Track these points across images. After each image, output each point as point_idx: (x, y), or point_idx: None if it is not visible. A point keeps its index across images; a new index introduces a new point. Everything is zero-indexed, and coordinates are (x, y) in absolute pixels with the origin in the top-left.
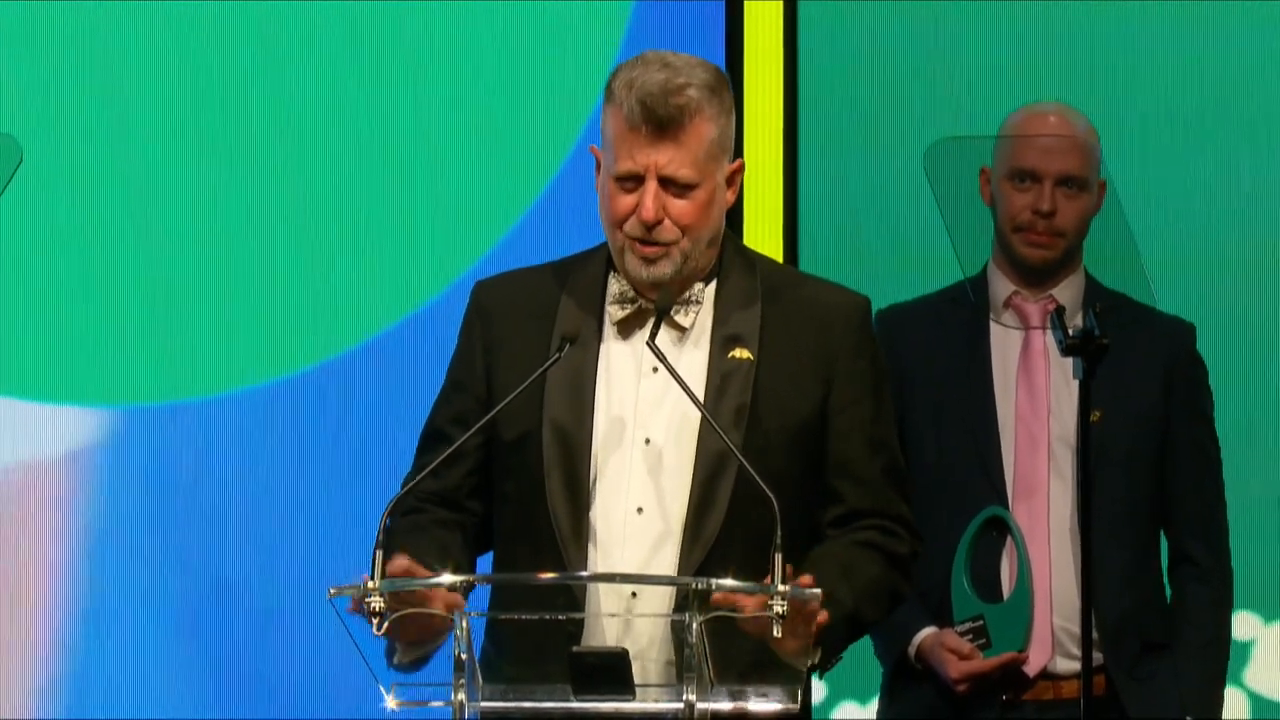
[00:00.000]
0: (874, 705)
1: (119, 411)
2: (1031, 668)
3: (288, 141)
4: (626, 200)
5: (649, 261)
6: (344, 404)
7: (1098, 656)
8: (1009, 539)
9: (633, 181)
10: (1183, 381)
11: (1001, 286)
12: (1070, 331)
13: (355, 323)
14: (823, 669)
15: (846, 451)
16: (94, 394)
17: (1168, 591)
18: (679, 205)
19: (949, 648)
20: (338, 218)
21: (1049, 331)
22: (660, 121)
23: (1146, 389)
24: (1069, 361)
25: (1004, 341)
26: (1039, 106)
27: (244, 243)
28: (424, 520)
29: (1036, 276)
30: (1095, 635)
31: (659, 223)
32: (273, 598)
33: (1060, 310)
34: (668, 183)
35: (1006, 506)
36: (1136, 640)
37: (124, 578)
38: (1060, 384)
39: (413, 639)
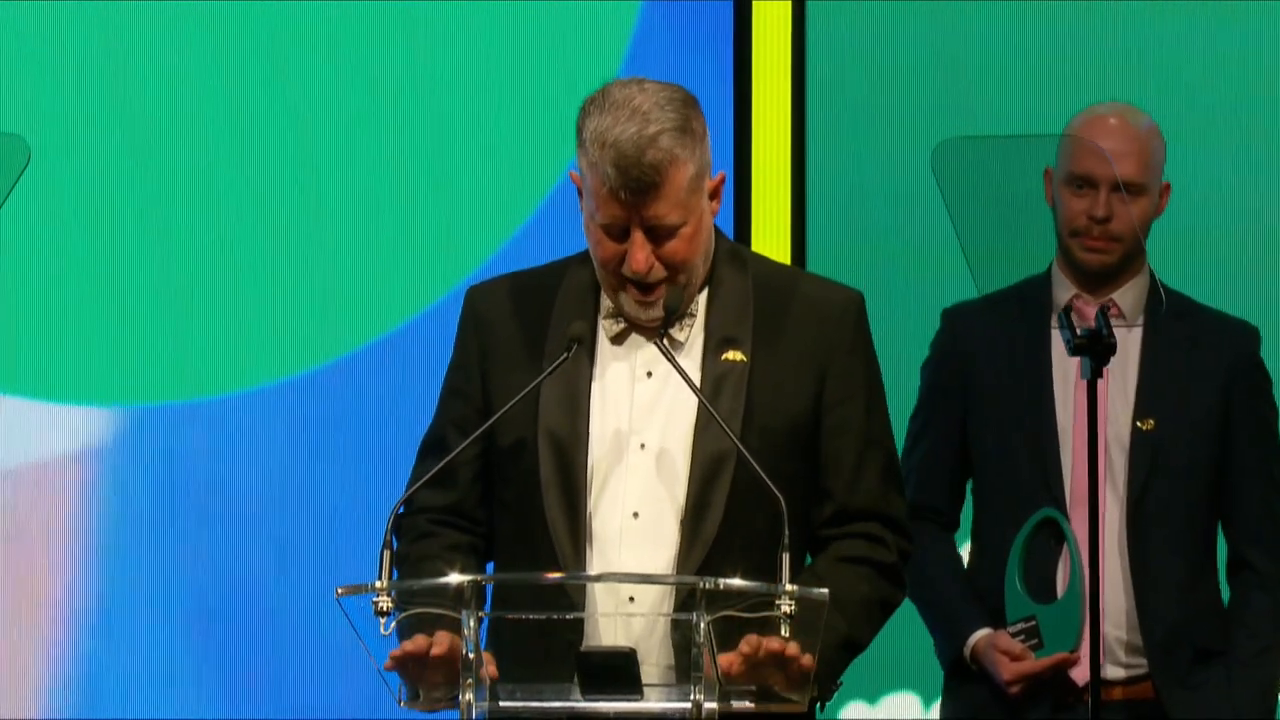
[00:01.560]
0: (882, 704)
1: (128, 411)
2: (1080, 677)
3: (295, 145)
4: (614, 246)
5: (646, 305)
6: (353, 404)
7: (1145, 664)
8: (1064, 540)
9: (616, 228)
10: (1244, 386)
11: (1063, 290)
12: (1079, 331)
13: (363, 323)
14: (823, 699)
15: (839, 449)
16: (103, 394)
17: (1224, 599)
18: (668, 247)
19: (1001, 649)
20: (345, 220)
21: (1120, 332)
22: (638, 184)
23: (1206, 394)
24: (1131, 367)
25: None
26: (1101, 109)
27: (252, 245)
28: (435, 548)
29: (1096, 280)
30: (1141, 643)
31: (650, 269)
32: (283, 597)
33: (1068, 310)
34: (653, 230)
35: (1063, 511)
36: (1190, 649)
37: (134, 577)
38: (1116, 390)
39: (440, 681)
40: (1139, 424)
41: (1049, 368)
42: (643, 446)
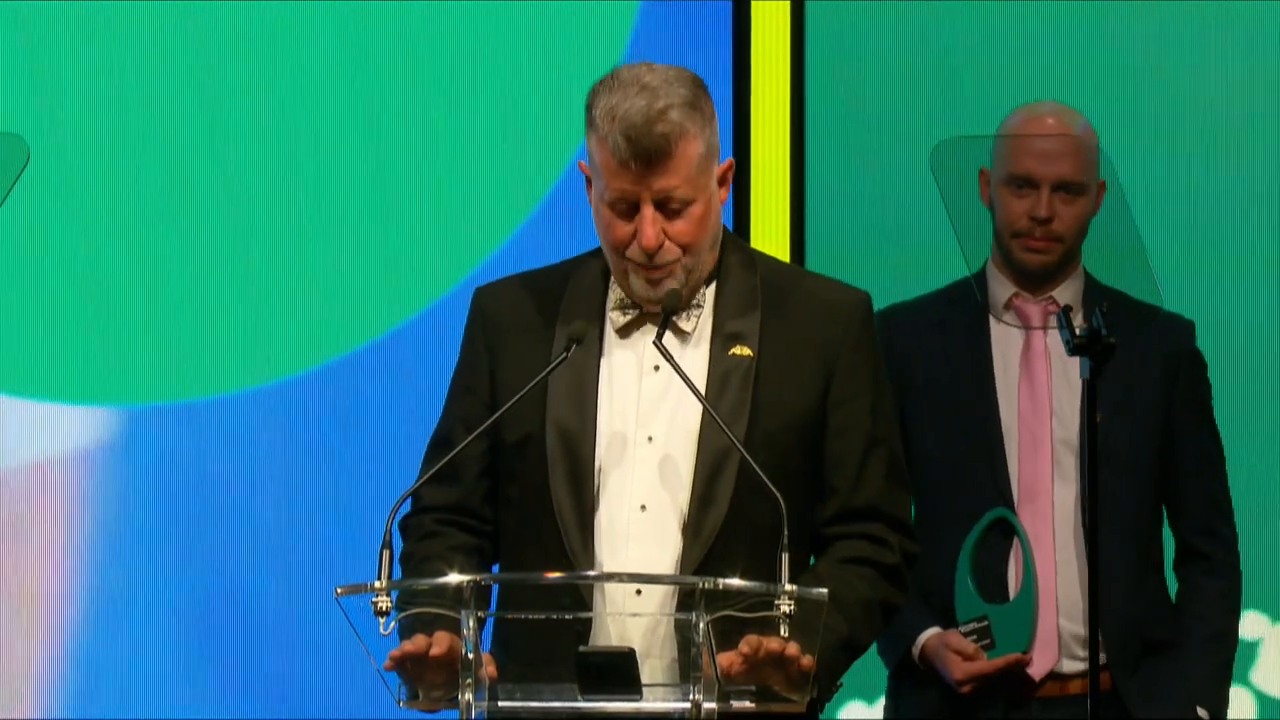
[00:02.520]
0: (880, 705)
1: (127, 411)
2: (1037, 671)
3: (296, 144)
4: (624, 226)
5: (655, 284)
6: (352, 403)
7: (1102, 657)
8: (1014, 540)
9: (627, 205)
10: (1185, 378)
11: (1001, 288)
12: (1078, 331)
13: (363, 323)
14: (823, 700)
15: (844, 447)
16: (102, 394)
17: (1172, 591)
18: (678, 225)
19: (953, 648)
20: (345, 220)
21: (1054, 331)
22: (648, 154)
23: (1148, 387)
24: (1070, 362)
25: (1005, 342)
26: (1035, 108)
27: (252, 244)
28: (439, 548)
29: (1036, 280)
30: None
31: (660, 247)
32: (283, 597)
33: (1067, 310)
34: (664, 205)
35: (1012, 508)
36: (1139, 641)
37: (133, 577)
38: (1061, 385)
39: (440, 681)
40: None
41: (989, 365)
42: (650, 440)
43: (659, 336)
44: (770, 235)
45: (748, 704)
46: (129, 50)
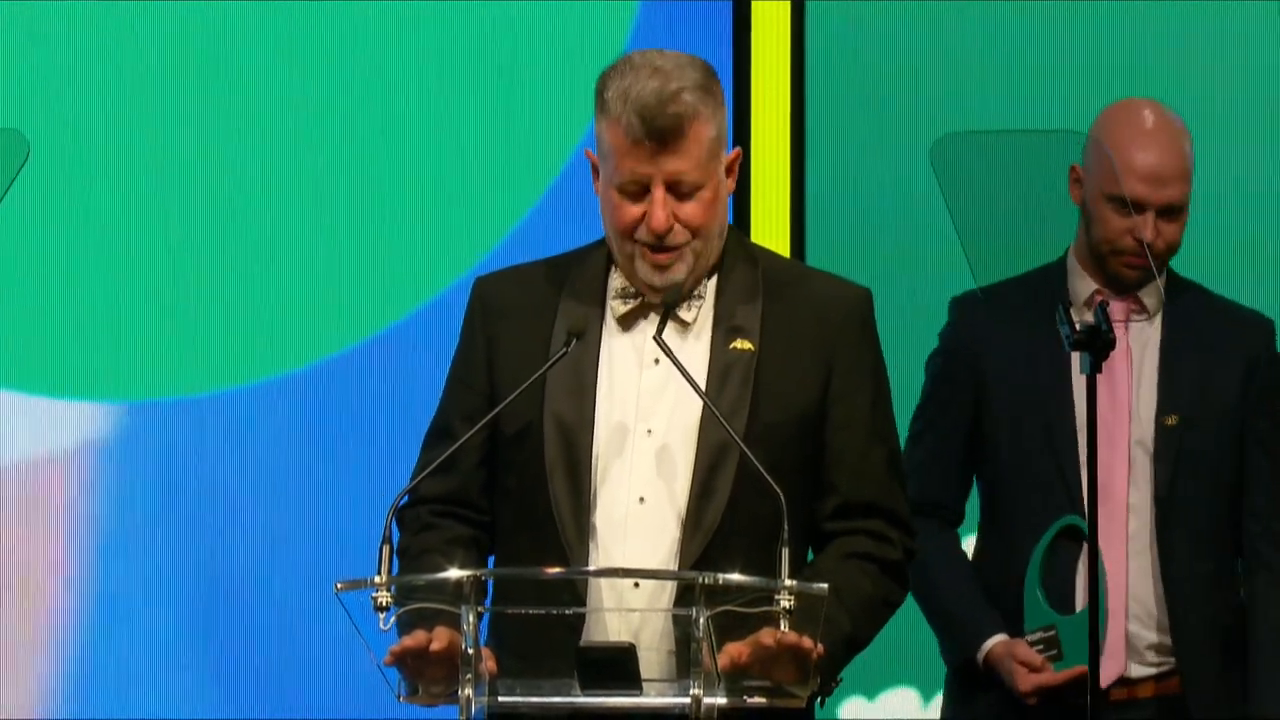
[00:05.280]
0: (880, 700)
1: (128, 406)
2: (1105, 678)
3: (297, 138)
4: (633, 209)
5: (662, 268)
6: (353, 398)
7: (1171, 661)
8: (1084, 548)
9: (637, 187)
10: (1263, 379)
11: (1083, 284)
12: (1077, 327)
13: (364, 317)
14: (823, 694)
15: (844, 443)
16: (103, 389)
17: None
18: (687, 208)
19: (1019, 659)
20: (346, 215)
21: (1136, 327)
22: (661, 133)
23: (1226, 388)
24: (1150, 362)
25: None
26: (1140, 116)
27: (252, 239)
28: (436, 541)
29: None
30: (1169, 642)
31: (670, 229)
32: (283, 593)
33: (1067, 305)
34: (674, 187)
35: (1079, 510)
36: (1217, 647)
37: (134, 573)
38: (1142, 386)
39: (440, 676)
40: (1163, 420)
41: (1068, 361)
42: (649, 433)
43: (659, 332)
44: (770, 233)
45: (760, 699)
46: (127, 44)
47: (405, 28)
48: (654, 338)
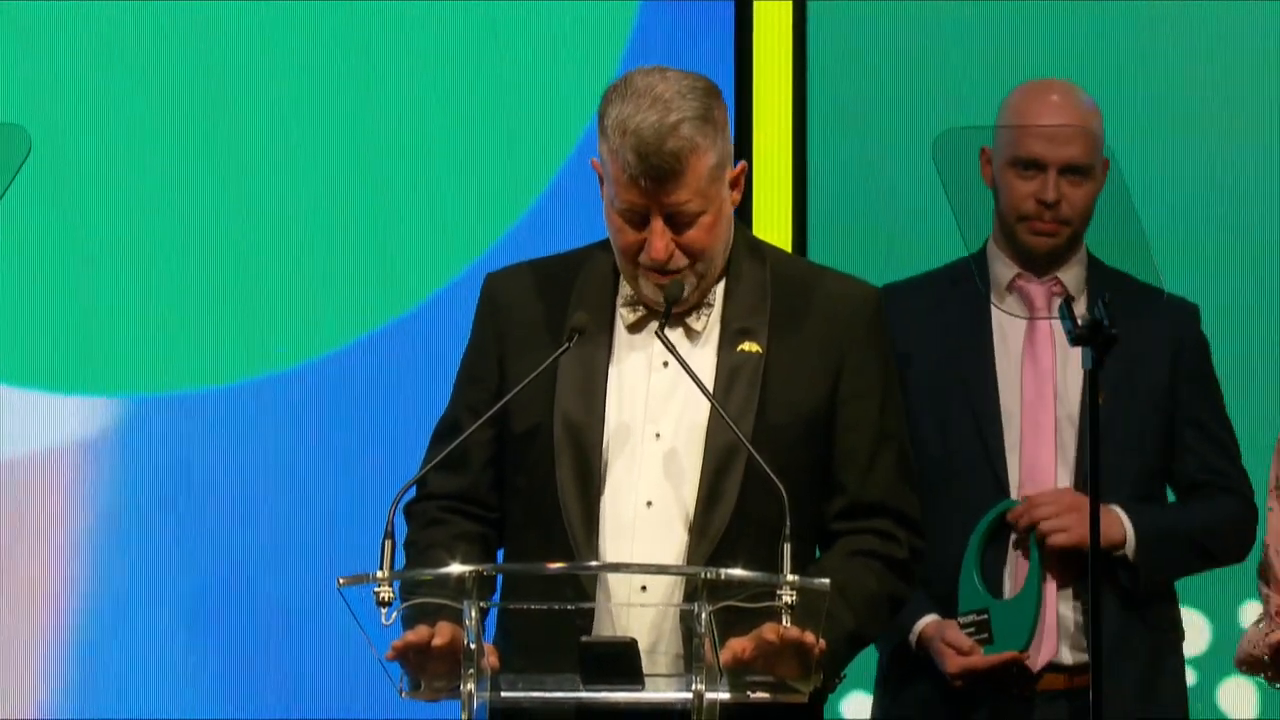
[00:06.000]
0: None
1: (129, 401)
2: (1038, 662)
3: (300, 135)
4: (634, 234)
5: (665, 289)
6: (354, 393)
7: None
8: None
9: (637, 216)
10: (1190, 362)
11: (1004, 269)
12: (1080, 321)
13: (365, 312)
14: (826, 691)
15: (853, 443)
16: (103, 384)
17: None
18: (689, 235)
19: (948, 641)
20: (349, 209)
21: (1057, 321)
22: (659, 171)
23: (1153, 371)
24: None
25: (1006, 322)
26: (1041, 86)
27: (252, 235)
28: (442, 536)
29: (1041, 262)
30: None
31: (670, 257)
32: (285, 588)
33: (1069, 300)
34: (674, 217)
35: (1008, 494)
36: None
37: (134, 568)
38: (1065, 366)
39: (443, 671)
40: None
41: (990, 346)
42: (657, 436)
43: (661, 328)
44: (771, 233)
45: (763, 695)
46: (127, 42)
47: (406, 26)
48: (656, 333)
